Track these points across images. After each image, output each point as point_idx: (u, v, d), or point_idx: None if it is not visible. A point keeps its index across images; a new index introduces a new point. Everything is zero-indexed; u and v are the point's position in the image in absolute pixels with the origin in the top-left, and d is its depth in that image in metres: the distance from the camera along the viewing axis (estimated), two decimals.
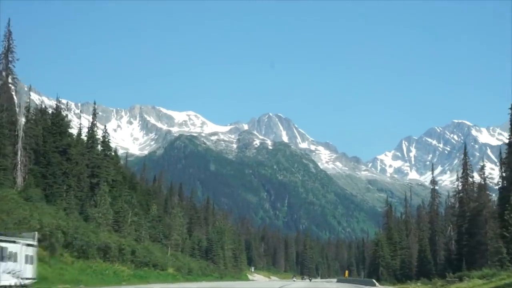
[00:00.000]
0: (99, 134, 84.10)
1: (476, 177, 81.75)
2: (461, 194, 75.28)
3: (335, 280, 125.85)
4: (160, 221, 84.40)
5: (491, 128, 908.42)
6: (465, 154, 77.42)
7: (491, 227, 58.98)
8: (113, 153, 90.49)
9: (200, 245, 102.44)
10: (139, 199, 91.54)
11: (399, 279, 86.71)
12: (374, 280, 65.74)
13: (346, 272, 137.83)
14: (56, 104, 73.89)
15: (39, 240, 41.22)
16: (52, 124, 71.01)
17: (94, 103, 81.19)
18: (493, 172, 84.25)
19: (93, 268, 45.02)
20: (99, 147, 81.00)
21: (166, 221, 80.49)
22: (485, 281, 39.66)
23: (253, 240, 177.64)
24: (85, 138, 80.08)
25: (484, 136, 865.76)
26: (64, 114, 73.07)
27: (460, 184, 76.79)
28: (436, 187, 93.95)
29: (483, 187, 64.92)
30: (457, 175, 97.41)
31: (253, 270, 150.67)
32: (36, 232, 36.82)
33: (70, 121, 74.47)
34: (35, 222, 41.40)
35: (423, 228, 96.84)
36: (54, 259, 41.24)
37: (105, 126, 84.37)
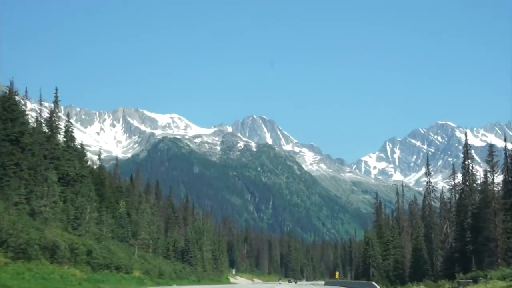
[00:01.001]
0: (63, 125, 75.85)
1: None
2: (462, 186, 68.03)
3: (322, 282, 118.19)
4: (129, 219, 76.34)
5: (475, 129, 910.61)
6: (466, 143, 70.24)
7: (501, 221, 51.86)
8: (78, 146, 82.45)
9: (175, 246, 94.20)
10: (108, 196, 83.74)
11: (393, 280, 79.35)
12: (374, 283, 57.49)
13: (337, 273, 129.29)
14: (9, 88, 65.33)
15: None
16: (3, 109, 62.71)
17: (56, 90, 72.58)
18: (476, 174, 79.08)
19: (34, 271, 37.01)
20: (61, 138, 72.82)
21: (134, 218, 72.42)
22: (509, 282, 32.35)
23: (236, 242, 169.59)
24: (47, 129, 71.92)
25: (468, 138, 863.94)
26: (17, 99, 64.55)
27: (460, 175, 69.51)
28: (431, 179, 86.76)
29: (490, 175, 57.58)
30: (453, 169, 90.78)
31: (234, 272, 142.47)
32: None
33: (23, 110, 65.90)
34: None
35: (417, 226, 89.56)
36: None
37: (68, 114, 75.69)
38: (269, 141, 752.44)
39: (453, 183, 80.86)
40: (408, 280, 77.31)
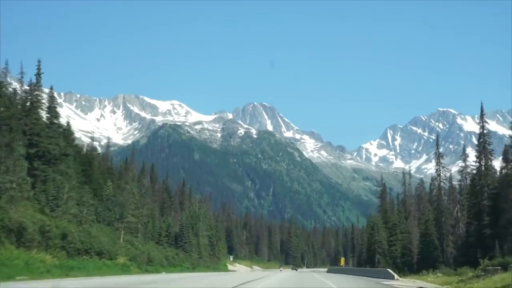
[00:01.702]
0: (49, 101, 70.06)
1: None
2: (477, 166, 62.57)
3: (324, 270, 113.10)
4: (117, 201, 71.08)
5: (476, 116, 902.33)
6: (482, 117, 64.50)
7: None
8: (64, 124, 77.09)
9: (169, 231, 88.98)
10: (96, 178, 78.56)
11: (400, 268, 74.05)
12: (390, 270, 51.57)
13: (342, 259, 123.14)
14: None
15: None
16: None
17: (39, 62, 66.65)
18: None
19: None
20: (44, 114, 67.22)
21: (120, 200, 67.29)
22: None
23: (235, 228, 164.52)
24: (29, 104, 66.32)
25: (469, 125, 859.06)
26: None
27: (476, 154, 63.94)
28: (442, 161, 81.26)
29: (509, 151, 52.07)
30: (463, 149, 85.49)
31: (231, 259, 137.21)
32: None
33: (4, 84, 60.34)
34: None
35: (425, 209, 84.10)
36: None
37: (51, 88, 69.91)
38: (270, 128, 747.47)
39: (463, 164, 75.97)
40: (416, 267, 72.17)
